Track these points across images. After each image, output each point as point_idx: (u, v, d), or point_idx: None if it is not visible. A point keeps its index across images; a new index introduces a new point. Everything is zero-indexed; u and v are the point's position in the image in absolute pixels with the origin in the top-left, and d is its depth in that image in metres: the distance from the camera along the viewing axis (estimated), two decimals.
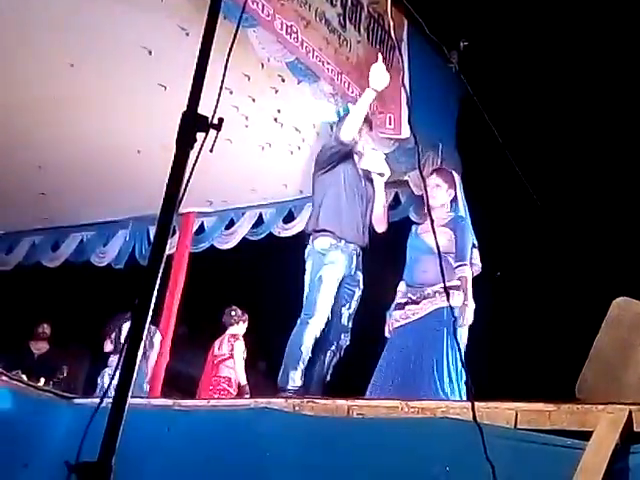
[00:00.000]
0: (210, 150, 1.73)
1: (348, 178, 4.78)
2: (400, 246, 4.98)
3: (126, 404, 1.54)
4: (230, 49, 1.90)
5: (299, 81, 5.40)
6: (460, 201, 4.93)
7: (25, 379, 5.58)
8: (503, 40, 6.86)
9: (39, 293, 9.18)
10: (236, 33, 1.95)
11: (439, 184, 4.86)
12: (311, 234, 4.78)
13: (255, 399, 4.07)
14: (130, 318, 1.77)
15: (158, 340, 7.10)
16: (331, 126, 5.69)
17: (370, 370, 4.63)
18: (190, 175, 1.70)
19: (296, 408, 3.59)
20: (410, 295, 4.68)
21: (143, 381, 6.67)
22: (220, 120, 1.73)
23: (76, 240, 8.59)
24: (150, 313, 1.61)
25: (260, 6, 4.71)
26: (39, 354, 8.20)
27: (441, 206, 4.82)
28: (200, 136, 1.72)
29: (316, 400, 3.67)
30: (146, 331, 1.61)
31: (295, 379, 4.45)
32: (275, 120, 6.27)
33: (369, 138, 5.00)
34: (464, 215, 4.87)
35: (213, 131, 1.72)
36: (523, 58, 7.10)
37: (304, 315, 4.57)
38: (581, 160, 7.17)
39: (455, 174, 5.15)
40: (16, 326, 8.23)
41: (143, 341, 1.60)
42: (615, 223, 6.92)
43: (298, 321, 4.58)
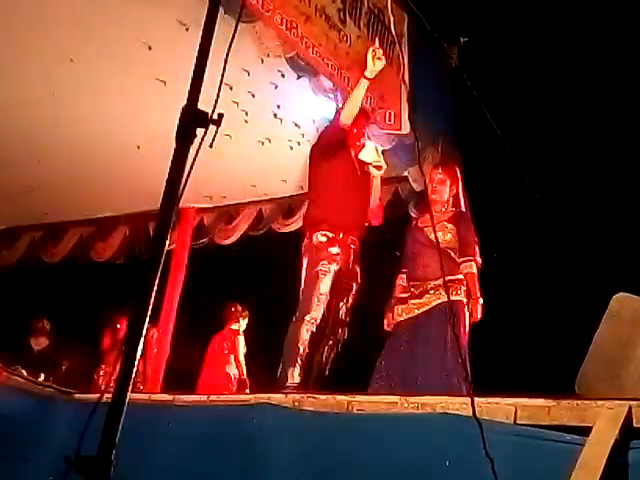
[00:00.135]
0: (210, 145, 1.73)
1: (344, 170, 4.69)
2: (399, 241, 4.97)
3: (126, 399, 1.55)
4: (230, 44, 1.89)
5: (299, 76, 5.40)
6: (461, 197, 4.92)
7: (25, 374, 5.58)
8: (503, 35, 6.85)
9: (39, 288, 9.18)
10: (236, 28, 1.94)
11: (444, 179, 4.84)
12: (307, 227, 4.73)
13: (255, 394, 4.07)
14: (128, 314, 1.77)
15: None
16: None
17: (367, 363, 4.62)
18: (190, 170, 1.69)
19: (296, 403, 3.59)
20: (413, 289, 4.68)
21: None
22: (220, 115, 1.72)
23: (76, 235, 8.61)
24: (150, 309, 1.61)
25: (260, 1, 4.72)
26: (39, 349, 8.20)
27: (445, 201, 4.81)
28: (200, 131, 1.72)
29: (316, 395, 3.67)
30: (146, 326, 1.61)
31: (294, 376, 4.39)
32: (275, 115, 6.26)
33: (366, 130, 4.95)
34: (465, 210, 4.87)
35: (213, 126, 1.72)
36: (523, 53, 7.09)
37: (300, 311, 4.50)
38: (581, 154, 7.17)
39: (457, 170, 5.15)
40: (16, 321, 8.22)
41: (143, 337, 1.60)
42: (615, 218, 6.91)
43: (294, 317, 4.51)
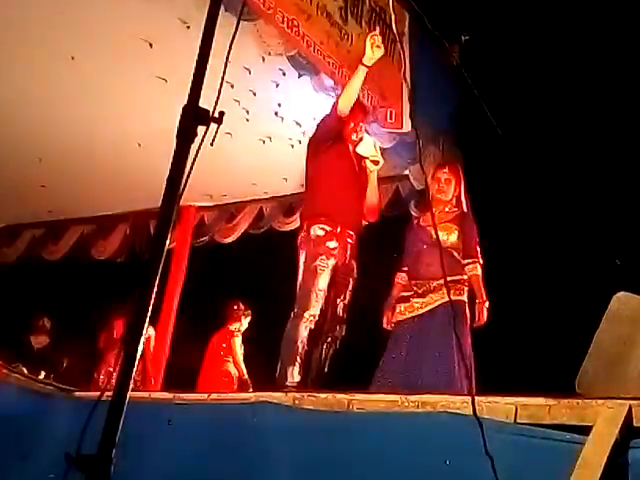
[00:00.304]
0: (211, 144, 1.73)
1: (342, 163, 4.63)
2: (400, 240, 4.96)
3: (126, 397, 1.55)
4: (231, 42, 1.89)
5: (300, 75, 5.39)
6: (463, 197, 4.91)
7: (25, 372, 5.58)
8: (504, 34, 6.84)
9: (39, 286, 9.18)
10: (237, 26, 1.94)
11: (450, 179, 4.82)
12: (304, 219, 4.66)
13: (256, 393, 4.06)
14: (128, 312, 1.77)
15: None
16: None
17: (366, 361, 4.61)
18: (191, 169, 1.69)
19: (296, 402, 3.58)
20: (415, 288, 4.67)
21: None
22: (221, 113, 1.72)
23: (77, 233, 8.61)
24: (150, 307, 1.61)
25: None
26: (39, 347, 8.19)
27: (448, 201, 4.81)
28: (201, 130, 1.72)
29: (316, 394, 3.67)
30: (147, 325, 1.61)
31: (294, 375, 4.33)
32: (276, 114, 6.25)
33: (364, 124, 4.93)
34: (467, 211, 4.87)
35: (214, 125, 1.72)
36: (524, 52, 7.08)
37: (298, 308, 4.42)
38: (583, 154, 7.16)
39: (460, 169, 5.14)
40: (16, 319, 8.22)
41: (143, 335, 1.60)
42: (617, 217, 6.91)
43: (292, 314, 4.43)
